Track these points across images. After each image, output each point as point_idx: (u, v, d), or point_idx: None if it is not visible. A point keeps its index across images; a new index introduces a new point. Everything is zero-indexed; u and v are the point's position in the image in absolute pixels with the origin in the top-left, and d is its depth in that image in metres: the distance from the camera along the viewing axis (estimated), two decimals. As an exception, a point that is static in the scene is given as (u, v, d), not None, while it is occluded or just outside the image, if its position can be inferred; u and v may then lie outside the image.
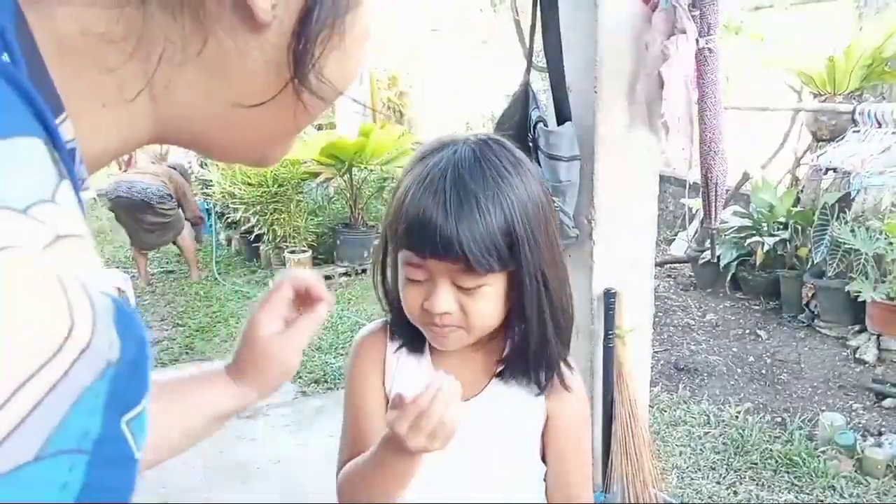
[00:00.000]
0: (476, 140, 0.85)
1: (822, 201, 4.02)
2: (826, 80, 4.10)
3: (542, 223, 0.84)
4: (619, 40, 1.72)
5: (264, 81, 0.40)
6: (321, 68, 0.40)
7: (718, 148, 1.71)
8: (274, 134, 0.45)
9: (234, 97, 0.40)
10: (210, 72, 0.38)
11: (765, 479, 2.64)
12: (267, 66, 0.39)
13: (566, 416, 0.92)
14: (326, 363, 3.74)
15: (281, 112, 0.42)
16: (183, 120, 0.40)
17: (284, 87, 0.40)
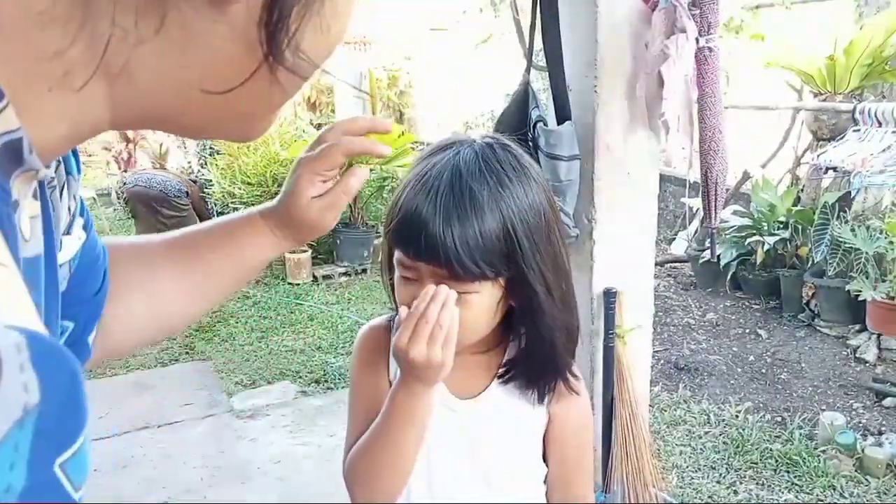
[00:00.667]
0: (482, 143, 0.84)
1: (822, 200, 4.01)
2: (826, 79, 4.09)
3: (545, 231, 0.82)
4: (619, 40, 1.72)
5: (234, 61, 0.36)
6: (298, 42, 0.36)
7: (718, 147, 1.70)
8: (249, 111, 0.41)
9: (202, 80, 0.36)
10: (172, 51, 0.35)
11: (765, 478, 2.64)
12: (236, 44, 0.35)
13: (568, 420, 0.92)
14: (326, 363, 3.74)
15: (256, 91, 0.38)
16: (146, 104, 0.37)
17: (258, 68, 0.36)
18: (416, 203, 0.80)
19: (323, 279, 5.14)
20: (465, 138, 0.85)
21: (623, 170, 1.81)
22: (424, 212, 0.78)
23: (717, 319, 4.25)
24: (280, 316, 4.44)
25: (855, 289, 3.55)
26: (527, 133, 1.78)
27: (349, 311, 4.53)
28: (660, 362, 3.64)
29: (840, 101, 3.97)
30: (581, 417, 0.94)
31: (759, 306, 4.36)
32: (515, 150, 0.85)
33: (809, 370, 3.53)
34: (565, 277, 0.87)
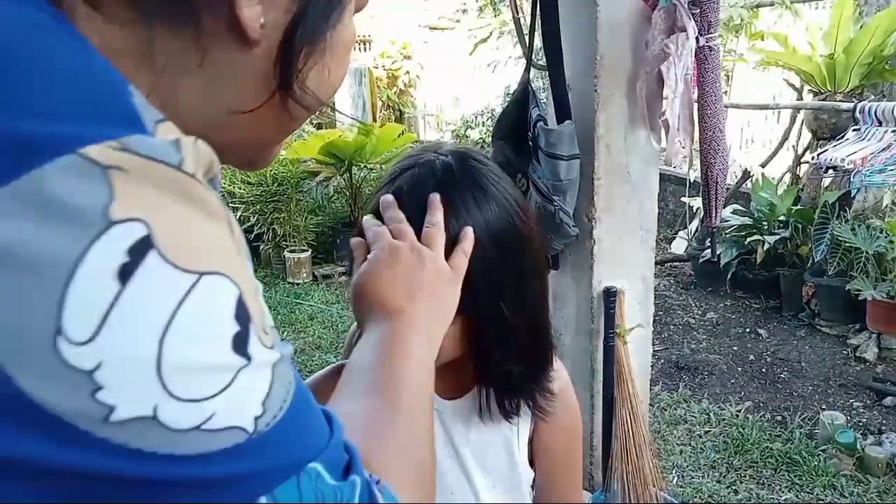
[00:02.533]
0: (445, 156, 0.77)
1: (822, 200, 4.01)
2: (826, 79, 4.09)
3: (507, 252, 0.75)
4: (619, 39, 1.72)
5: (254, 91, 0.44)
6: (304, 80, 0.45)
7: (719, 146, 1.70)
8: (263, 137, 0.49)
9: (228, 104, 0.44)
10: (207, 82, 0.42)
11: (765, 477, 2.64)
12: (256, 78, 0.44)
13: (555, 429, 0.89)
14: (326, 362, 3.74)
15: (269, 118, 0.46)
16: (183, 124, 0.43)
17: (272, 96, 0.44)
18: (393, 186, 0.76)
19: (323, 279, 5.14)
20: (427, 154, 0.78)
21: (623, 169, 1.81)
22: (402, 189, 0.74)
23: (717, 319, 4.25)
24: (280, 315, 4.44)
25: (855, 288, 3.55)
26: (527, 133, 1.78)
27: (349, 310, 4.52)
28: (660, 362, 3.64)
29: (840, 100, 3.97)
30: (569, 426, 0.91)
31: (759, 305, 4.36)
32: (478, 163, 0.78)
33: (809, 369, 3.53)
34: (542, 291, 0.81)
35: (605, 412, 1.89)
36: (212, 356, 0.32)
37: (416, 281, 0.64)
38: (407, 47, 9.78)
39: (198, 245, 0.33)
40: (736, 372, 3.57)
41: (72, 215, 0.29)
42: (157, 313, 0.30)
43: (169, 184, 0.32)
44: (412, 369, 0.57)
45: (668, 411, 3.13)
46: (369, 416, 0.51)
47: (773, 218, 4.31)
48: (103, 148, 0.31)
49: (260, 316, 0.35)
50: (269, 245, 5.34)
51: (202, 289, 0.32)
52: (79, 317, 0.29)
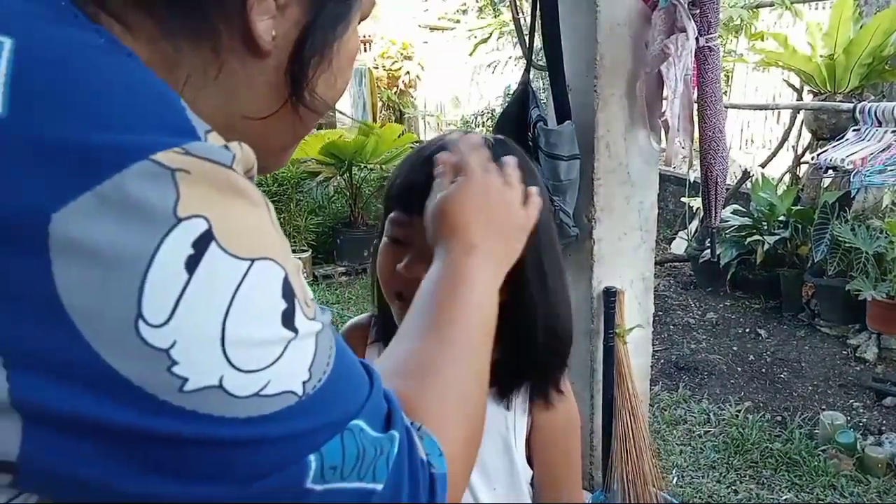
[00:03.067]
0: (489, 134, 0.84)
1: (822, 200, 4.01)
2: (826, 79, 4.09)
3: (547, 225, 0.80)
4: (619, 39, 1.72)
5: (267, 99, 0.48)
6: (314, 87, 0.49)
7: (718, 147, 1.71)
8: (277, 142, 0.53)
9: (244, 112, 0.48)
10: (224, 92, 0.46)
11: (765, 477, 2.64)
12: (269, 86, 0.48)
13: (553, 426, 0.89)
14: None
15: (282, 124, 0.50)
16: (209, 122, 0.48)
17: (284, 103, 0.48)
18: (421, 156, 0.79)
19: (323, 279, 5.14)
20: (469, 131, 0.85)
21: (623, 170, 1.81)
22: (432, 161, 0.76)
23: (716, 319, 4.25)
24: (280, 315, 4.44)
25: (855, 288, 3.55)
26: (527, 133, 1.78)
27: (349, 310, 4.54)
28: (660, 362, 3.64)
29: (840, 100, 3.97)
30: (567, 422, 0.90)
31: (759, 306, 4.36)
32: (521, 150, 0.84)
33: (809, 370, 3.53)
34: (561, 278, 0.84)
35: (605, 412, 1.89)
36: (266, 332, 0.37)
37: (499, 219, 0.66)
38: (407, 48, 9.77)
39: (248, 234, 0.37)
40: (736, 372, 3.57)
41: (146, 214, 0.34)
42: (219, 297, 0.35)
43: (223, 182, 0.37)
44: (474, 303, 0.58)
45: (668, 411, 3.13)
46: (415, 359, 0.53)
47: (772, 218, 4.31)
48: (170, 154, 0.35)
49: (302, 291, 0.40)
50: (270, 245, 5.34)
51: (255, 273, 0.37)
52: (155, 303, 0.34)
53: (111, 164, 0.34)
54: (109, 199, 0.33)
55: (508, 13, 6.22)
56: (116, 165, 0.34)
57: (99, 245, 0.33)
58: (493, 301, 0.61)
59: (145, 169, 0.34)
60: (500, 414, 0.87)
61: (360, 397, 0.42)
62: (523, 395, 0.88)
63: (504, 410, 0.87)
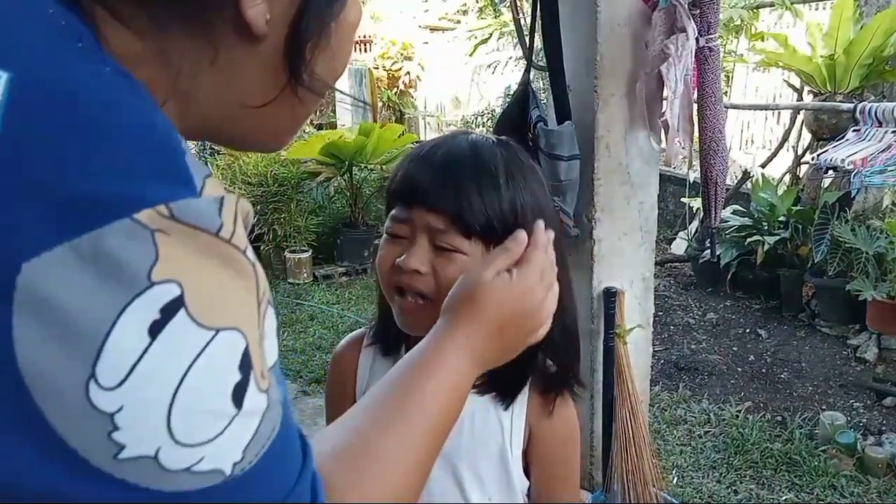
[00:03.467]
0: (492, 135, 0.85)
1: (822, 200, 4.01)
2: (826, 79, 4.09)
3: (555, 222, 0.82)
4: (619, 40, 1.72)
5: (265, 83, 0.47)
6: (312, 68, 0.47)
7: (719, 147, 1.71)
8: (279, 126, 0.52)
9: (242, 98, 0.47)
10: (221, 79, 0.45)
11: (765, 477, 2.64)
12: (266, 70, 0.46)
13: (552, 436, 0.87)
14: (327, 363, 3.74)
15: (282, 108, 0.48)
16: (203, 119, 0.47)
17: (284, 88, 0.47)
18: (428, 149, 0.80)
19: (323, 279, 5.15)
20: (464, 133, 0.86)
21: (623, 170, 1.81)
22: (436, 157, 0.78)
23: (717, 319, 4.25)
24: (280, 315, 4.45)
25: (855, 288, 3.55)
26: (527, 133, 1.78)
27: (349, 310, 4.54)
28: (660, 362, 3.64)
29: (840, 100, 3.97)
30: (565, 432, 0.89)
31: (759, 306, 4.36)
32: (525, 152, 0.85)
33: (809, 370, 3.53)
34: (567, 282, 0.83)
35: (605, 412, 1.89)
36: (214, 405, 0.36)
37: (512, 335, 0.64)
38: (407, 48, 9.77)
39: (221, 303, 0.36)
40: (736, 372, 3.57)
41: (120, 274, 0.33)
42: (176, 365, 0.34)
43: (206, 248, 0.36)
44: (439, 396, 0.56)
45: (668, 411, 3.13)
46: (357, 441, 0.51)
47: (772, 218, 4.31)
48: (154, 213, 0.34)
49: (261, 362, 0.38)
50: (270, 245, 5.34)
51: (217, 343, 0.35)
52: (111, 365, 0.33)
53: (92, 218, 0.33)
54: (85, 254, 0.32)
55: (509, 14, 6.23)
56: (98, 220, 0.33)
57: (65, 301, 0.32)
58: (460, 399, 0.59)
59: (127, 228, 0.33)
60: (496, 423, 0.86)
61: (287, 484, 0.41)
62: (520, 404, 0.86)
63: (501, 420, 0.86)
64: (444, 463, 0.86)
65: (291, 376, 3.61)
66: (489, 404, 0.86)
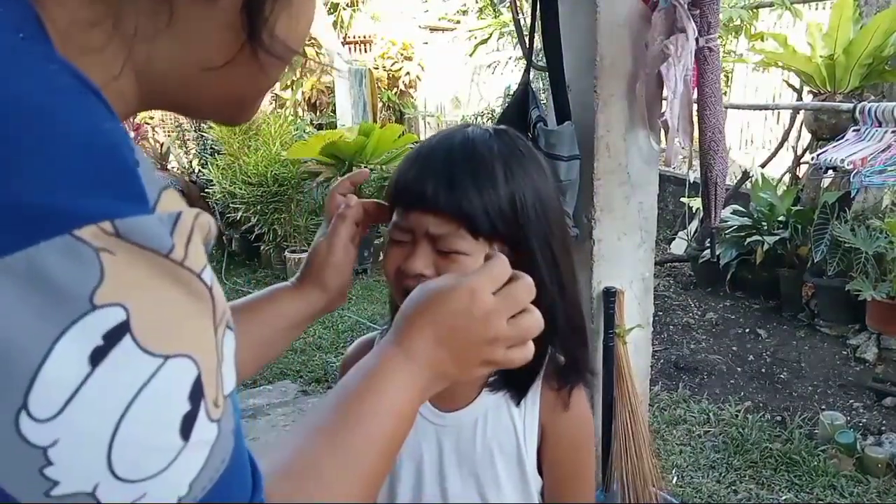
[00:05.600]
0: (496, 126, 0.85)
1: (822, 200, 4.01)
2: (826, 79, 4.09)
3: (555, 215, 0.81)
4: (619, 40, 1.72)
5: (224, 45, 0.43)
6: (272, 28, 0.44)
7: (718, 147, 1.71)
8: (240, 94, 0.49)
9: (201, 61, 0.43)
10: (178, 41, 0.42)
11: (765, 477, 2.64)
12: (225, 31, 0.43)
13: (565, 435, 0.87)
14: (327, 362, 3.75)
15: (243, 73, 0.45)
16: (162, 85, 0.44)
17: (242, 47, 0.44)
18: (423, 153, 0.80)
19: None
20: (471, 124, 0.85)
21: (623, 170, 1.81)
22: (432, 159, 0.78)
23: (716, 319, 4.25)
24: (280, 316, 4.44)
25: (855, 288, 3.55)
26: (527, 133, 1.78)
27: (349, 310, 4.54)
28: (660, 362, 3.65)
29: (840, 100, 3.97)
30: (579, 429, 0.88)
31: (759, 306, 4.37)
32: (524, 139, 0.85)
33: (809, 370, 3.54)
34: (571, 270, 0.84)
35: (605, 412, 1.89)
36: (159, 439, 0.33)
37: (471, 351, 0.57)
38: (407, 48, 9.78)
39: (171, 328, 0.33)
40: (735, 372, 3.57)
41: (58, 296, 0.30)
42: (119, 396, 0.31)
43: (155, 269, 0.32)
44: (387, 412, 0.53)
45: (667, 411, 3.13)
46: (303, 459, 0.50)
47: (772, 218, 4.31)
48: (97, 230, 0.30)
49: (215, 390, 0.35)
50: (270, 245, 5.35)
51: (165, 372, 0.32)
52: (46, 395, 0.30)
53: (27, 234, 0.29)
54: (17, 273, 0.29)
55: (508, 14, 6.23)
56: (33, 236, 0.29)
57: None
58: (410, 415, 0.55)
59: (66, 245, 0.30)
60: (509, 421, 0.86)
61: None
62: (533, 401, 0.86)
63: (514, 418, 0.86)
64: (461, 464, 0.86)
65: (291, 376, 3.61)
66: (501, 402, 0.86)
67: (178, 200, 0.35)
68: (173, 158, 6.63)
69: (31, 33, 0.35)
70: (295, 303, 0.83)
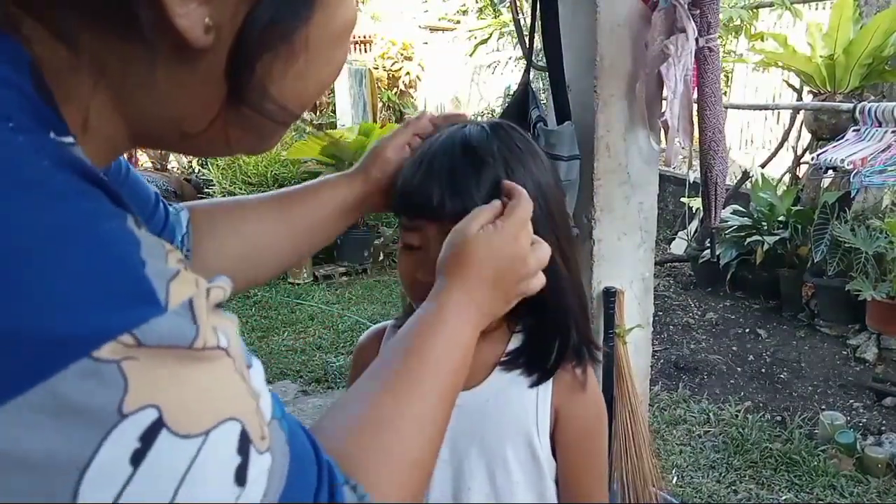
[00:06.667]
0: (487, 121, 0.85)
1: (822, 200, 4.01)
2: (826, 79, 4.09)
3: (557, 200, 0.83)
4: (619, 40, 1.72)
5: (206, 102, 0.40)
6: (266, 89, 0.40)
7: (718, 147, 1.71)
8: (236, 147, 0.45)
9: (183, 117, 0.41)
10: (161, 93, 0.39)
11: (765, 477, 2.64)
12: (210, 89, 0.39)
13: (578, 416, 0.87)
14: (327, 362, 3.75)
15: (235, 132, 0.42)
16: (148, 132, 0.42)
17: (218, 112, 0.40)
18: (423, 159, 0.81)
19: (323, 279, 5.15)
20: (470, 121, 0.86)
21: (623, 170, 1.81)
22: (432, 165, 0.79)
23: (716, 319, 4.25)
24: (280, 315, 4.45)
25: (855, 288, 3.55)
26: (527, 133, 1.78)
27: (349, 310, 4.54)
28: (660, 362, 3.65)
29: (840, 100, 3.97)
30: (595, 416, 0.89)
31: (759, 306, 4.36)
32: (521, 130, 0.86)
33: (809, 370, 3.54)
34: (573, 251, 0.86)
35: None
36: (215, 497, 0.33)
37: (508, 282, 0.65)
38: (407, 48, 9.77)
39: (204, 405, 0.33)
40: (736, 372, 3.57)
41: (86, 416, 0.29)
42: (166, 483, 0.31)
43: (180, 361, 0.32)
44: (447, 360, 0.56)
45: (667, 411, 3.13)
46: (371, 414, 0.50)
47: (772, 218, 4.31)
48: (117, 346, 0.30)
49: (259, 427, 0.36)
50: (270, 245, 5.34)
51: (209, 446, 0.33)
52: (92, 499, 0.30)
53: (45, 367, 0.29)
54: (43, 405, 0.29)
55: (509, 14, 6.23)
56: (51, 367, 0.29)
57: (28, 453, 0.29)
58: (471, 347, 0.60)
59: (86, 369, 0.29)
60: (520, 403, 0.86)
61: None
62: (546, 383, 0.86)
63: (527, 398, 0.86)
64: (472, 443, 0.86)
65: (291, 376, 3.61)
66: (514, 382, 0.86)
67: (188, 282, 0.34)
68: (173, 158, 6.64)
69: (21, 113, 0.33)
70: (338, 189, 0.86)
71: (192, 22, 0.36)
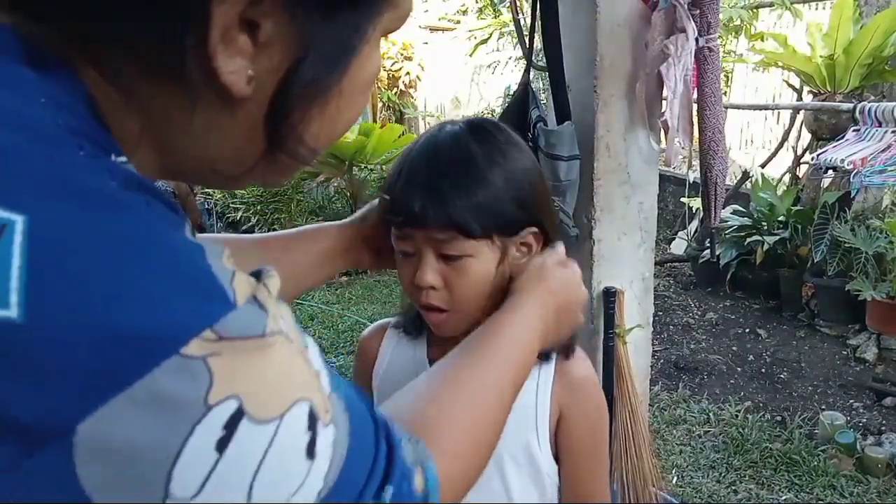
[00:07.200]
0: (468, 120, 0.85)
1: (822, 200, 4.01)
2: (826, 79, 4.09)
3: (544, 190, 0.85)
4: (619, 40, 1.72)
5: (244, 148, 0.43)
6: (302, 135, 0.43)
7: (718, 147, 1.71)
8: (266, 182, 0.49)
9: (217, 161, 0.44)
10: (197, 136, 0.42)
11: (765, 477, 2.64)
12: (250, 134, 0.43)
13: (578, 412, 0.87)
14: (327, 362, 3.74)
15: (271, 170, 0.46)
16: (180, 167, 0.46)
17: (259, 157, 0.44)
18: (404, 166, 0.81)
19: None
20: (451, 121, 0.85)
21: (623, 170, 1.81)
22: (415, 175, 0.79)
23: (716, 319, 4.25)
24: (280, 316, 4.44)
25: (855, 288, 3.55)
26: (527, 133, 1.78)
27: (349, 310, 4.54)
28: (660, 362, 3.65)
29: (840, 100, 3.97)
30: (596, 413, 0.89)
31: (759, 306, 4.37)
32: (503, 126, 0.85)
33: (809, 370, 3.54)
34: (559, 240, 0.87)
35: (605, 412, 1.89)
36: (290, 477, 0.37)
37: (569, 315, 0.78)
38: (407, 48, 9.77)
39: (278, 390, 0.37)
40: (736, 372, 3.58)
41: (177, 408, 0.33)
42: (249, 466, 0.35)
43: (257, 351, 0.36)
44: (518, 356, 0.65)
45: (667, 411, 3.13)
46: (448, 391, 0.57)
47: (772, 218, 4.31)
48: (201, 343, 0.34)
49: (323, 401, 0.40)
50: (270, 245, 5.33)
51: (283, 428, 0.37)
52: (183, 484, 0.33)
53: (140, 365, 0.32)
54: (140, 400, 0.32)
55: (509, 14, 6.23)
56: (146, 365, 0.32)
57: (126, 443, 0.32)
58: (534, 352, 0.69)
59: (177, 365, 0.33)
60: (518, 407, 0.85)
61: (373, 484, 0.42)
62: (545, 382, 0.86)
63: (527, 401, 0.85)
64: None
65: (291, 376, 3.61)
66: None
67: (245, 281, 0.38)
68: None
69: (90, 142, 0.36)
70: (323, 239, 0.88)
71: (238, 77, 0.39)
